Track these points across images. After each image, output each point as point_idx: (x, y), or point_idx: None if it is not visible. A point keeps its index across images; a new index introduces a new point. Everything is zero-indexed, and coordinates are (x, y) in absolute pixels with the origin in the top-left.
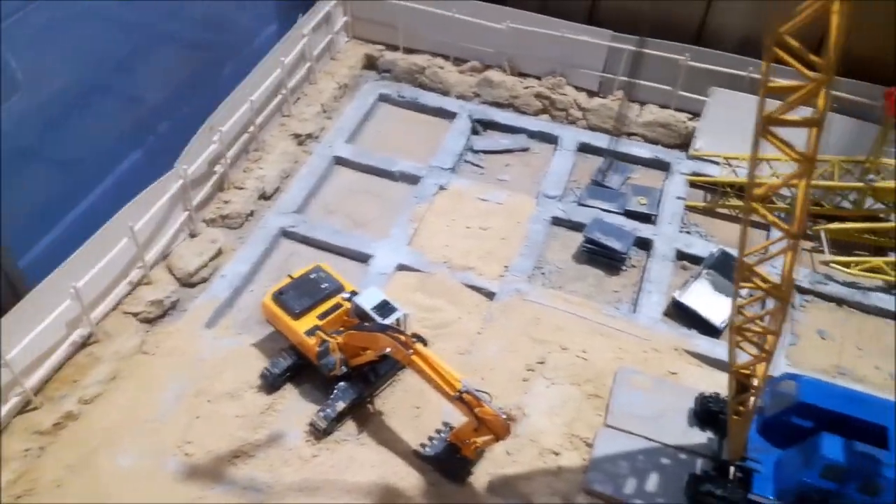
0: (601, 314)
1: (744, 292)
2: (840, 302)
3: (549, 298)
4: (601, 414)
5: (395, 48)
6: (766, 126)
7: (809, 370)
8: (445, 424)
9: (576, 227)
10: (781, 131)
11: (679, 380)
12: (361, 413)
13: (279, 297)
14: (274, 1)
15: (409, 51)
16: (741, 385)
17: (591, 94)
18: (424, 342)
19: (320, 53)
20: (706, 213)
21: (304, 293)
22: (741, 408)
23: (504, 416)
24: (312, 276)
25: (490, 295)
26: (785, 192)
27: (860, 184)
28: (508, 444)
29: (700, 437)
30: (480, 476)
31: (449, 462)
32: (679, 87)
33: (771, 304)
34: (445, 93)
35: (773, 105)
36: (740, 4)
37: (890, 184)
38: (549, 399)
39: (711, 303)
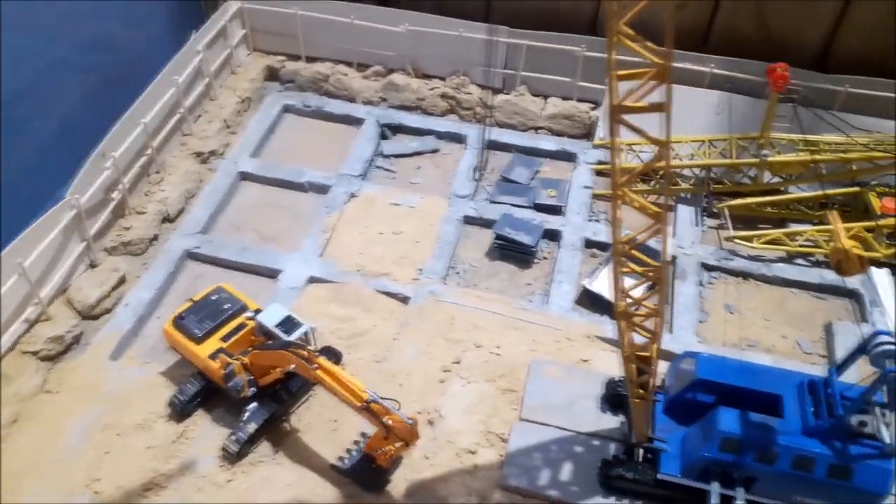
0: (514, 308)
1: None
2: (745, 276)
3: (463, 297)
4: (516, 408)
5: (296, 58)
6: (616, 114)
7: (720, 345)
8: (363, 435)
9: (487, 224)
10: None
11: (591, 366)
12: (277, 432)
13: (180, 322)
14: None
15: (311, 59)
16: (639, 368)
17: (496, 90)
18: (339, 355)
19: (219, 68)
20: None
21: (205, 316)
22: (640, 390)
23: (410, 422)
24: (214, 297)
25: (405, 299)
26: (688, 172)
27: (755, 159)
28: (425, 448)
29: (612, 421)
30: (398, 483)
31: (365, 473)
32: (578, 79)
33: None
34: (351, 99)
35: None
36: None
37: (783, 157)
38: (464, 398)
39: None
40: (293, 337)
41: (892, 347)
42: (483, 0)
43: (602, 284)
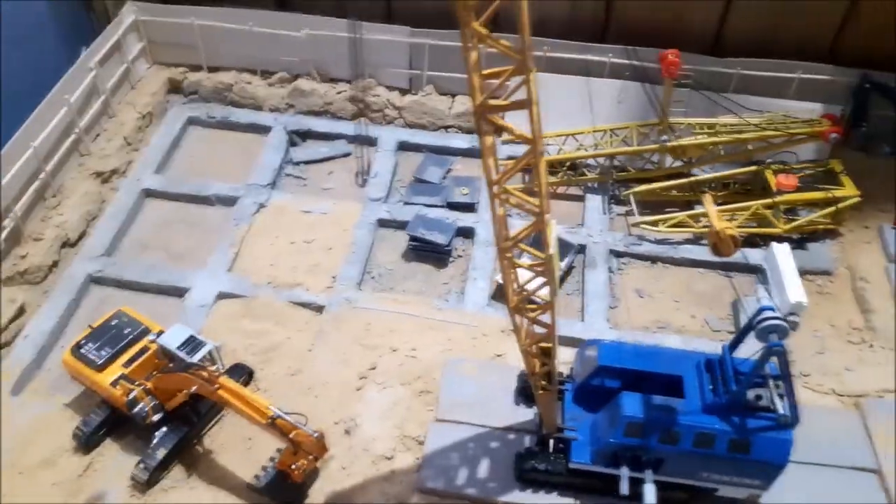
0: (431, 308)
1: (525, 274)
2: (654, 259)
3: (379, 302)
4: (433, 409)
5: (198, 68)
6: (482, 113)
7: (631, 329)
8: (279, 451)
9: (402, 226)
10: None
11: (506, 360)
12: (190, 455)
13: (79, 350)
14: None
15: (213, 69)
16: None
17: (403, 91)
18: (250, 371)
19: (116, 84)
20: (525, 193)
21: (105, 342)
22: (543, 382)
23: (316, 435)
24: (114, 322)
25: (319, 309)
26: (593, 161)
27: (656, 145)
28: (342, 458)
29: (527, 413)
30: (316, 496)
31: (281, 490)
32: None
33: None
34: (257, 107)
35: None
36: None
37: (683, 141)
38: (380, 404)
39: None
40: (196, 357)
41: (776, 322)
42: (384, 0)
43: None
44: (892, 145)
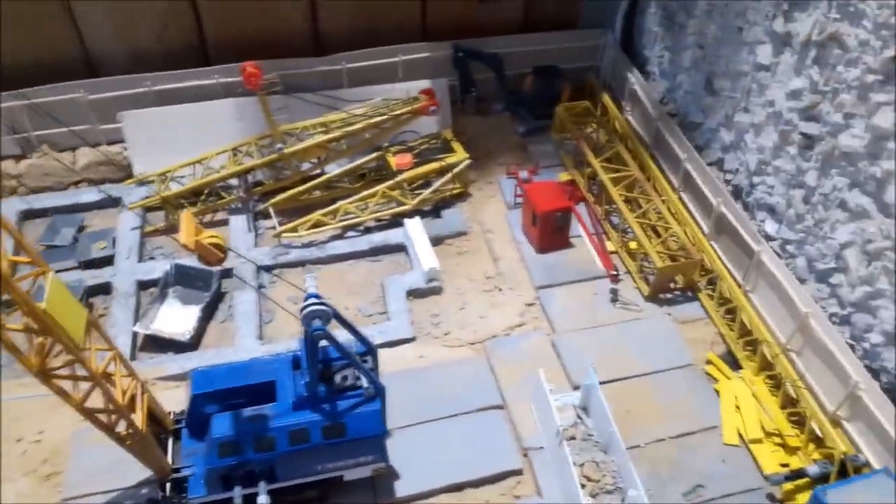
0: None
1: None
2: (302, 264)
3: (3, 392)
4: (62, 490)
5: None
6: None
7: (288, 339)
8: None
9: None
10: None
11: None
12: None
13: None
14: None
15: None
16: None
17: (19, 158)
18: None
19: None
20: (169, 231)
21: None
22: (124, 432)
23: None
24: None
25: None
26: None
27: (274, 155)
28: None
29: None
30: None
31: None
32: (97, 123)
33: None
34: None
35: None
36: (105, 25)
37: (299, 146)
38: None
39: (181, 318)
40: None
41: (316, 308)
42: None
43: (160, 322)
44: (501, 102)
